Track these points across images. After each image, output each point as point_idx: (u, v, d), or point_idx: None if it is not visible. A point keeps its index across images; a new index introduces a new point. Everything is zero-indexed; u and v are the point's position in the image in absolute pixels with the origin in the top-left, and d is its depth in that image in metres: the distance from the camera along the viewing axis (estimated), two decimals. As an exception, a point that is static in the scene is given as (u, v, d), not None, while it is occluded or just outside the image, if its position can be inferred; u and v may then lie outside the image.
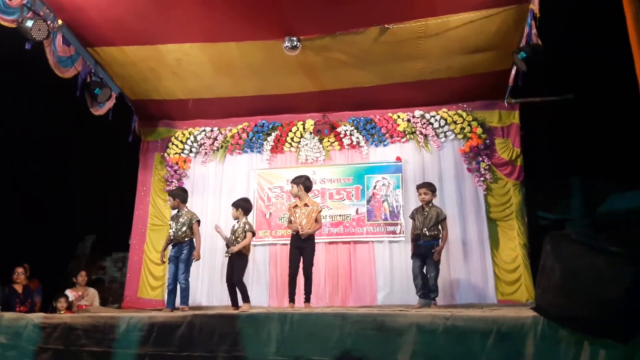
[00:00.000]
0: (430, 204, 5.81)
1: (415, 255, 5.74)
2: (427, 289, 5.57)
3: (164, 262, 6.24)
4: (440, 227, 5.72)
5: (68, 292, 7.06)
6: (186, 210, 5.91)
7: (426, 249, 5.64)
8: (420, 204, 5.90)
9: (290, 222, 5.88)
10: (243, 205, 5.83)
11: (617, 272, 2.90)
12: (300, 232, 5.63)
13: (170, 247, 5.84)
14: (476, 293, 6.79)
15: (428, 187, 5.88)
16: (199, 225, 5.85)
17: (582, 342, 3.09)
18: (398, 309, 4.74)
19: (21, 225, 7.53)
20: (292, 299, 5.68)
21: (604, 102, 7.17)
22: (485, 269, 6.86)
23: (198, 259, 5.80)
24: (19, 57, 5.44)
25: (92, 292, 7.26)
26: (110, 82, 7.05)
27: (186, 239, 5.72)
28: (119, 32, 6.15)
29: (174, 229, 5.75)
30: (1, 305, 6.07)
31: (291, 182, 5.98)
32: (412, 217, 5.92)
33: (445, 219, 5.77)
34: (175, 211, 5.96)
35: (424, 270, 5.65)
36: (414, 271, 5.70)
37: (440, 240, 5.68)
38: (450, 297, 6.76)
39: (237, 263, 5.57)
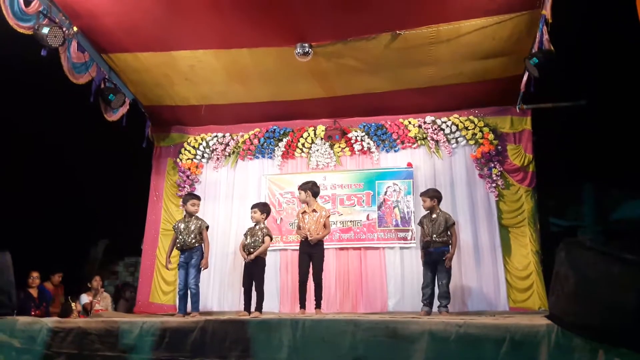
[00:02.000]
0: (438, 210, 5.79)
1: (426, 263, 5.71)
2: (439, 296, 5.54)
3: (170, 269, 6.21)
4: (449, 232, 5.69)
5: (83, 296, 7.13)
6: (195, 216, 5.90)
7: (437, 256, 5.61)
8: (422, 210, 5.91)
9: (299, 228, 5.89)
10: (267, 209, 5.92)
11: (633, 279, 2.88)
12: (309, 238, 5.64)
13: (179, 252, 5.81)
14: (488, 300, 6.75)
15: (426, 195, 5.87)
16: (207, 231, 5.84)
17: (596, 350, 3.06)
18: (410, 315, 4.73)
19: (35, 230, 7.61)
20: (302, 305, 5.69)
21: (616, 108, 7.12)
22: (497, 276, 6.82)
23: (206, 268, 5.74)
24: (34, 63, 5.51)
25: (107, 297, 7.33)
26: (124, 88, 7.13)
27: (196, 245, 5.68)
28: (133, 39, 6.22)
29: (183, 235, 5.68)
30: (16, 309, 6.13)
31: (299, 189, 6.00)
32: (421, 224, 5.89)
33: (454, 224, 5.74)
34: (185, 216, 5.92)
35: (436, 278, 5.63)
36: (425, 280, 5.67)
37: (450, 247, 5.65)
38: (462, 304, 6.73)
39: (256, 268, 5.61)
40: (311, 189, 5.89)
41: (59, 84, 6.05)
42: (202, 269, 5.67)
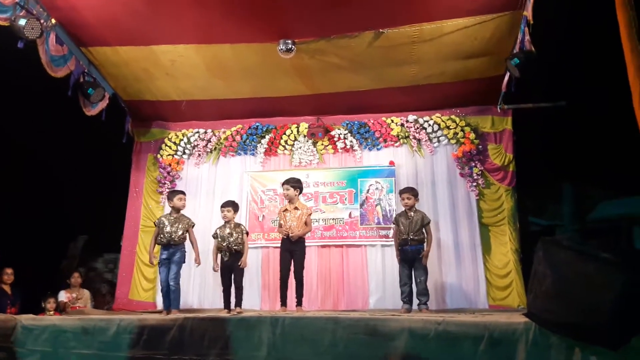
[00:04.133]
0: (414, 209, 5.82)
1: (403, 261, 5.74)
2: (418, 293, 5.58)
3: (154, 264, 6.15)
4: (424, 231, 5.73)
5: (62, 293, 7.01)
6: (181, 213, 5.87)
7: (413, 254, 5.65)
8: (403, 209, 5.92)
9: (280, 226, 5.87)
10: (238, 207, 5.96)
11: (608, 279, 2.92)
12: (290, 235, 5.62)
13: (161, 248, 5.77)
14: (467, 298, 6.80)
15: (411, 192, 5.90)
16: (193, 229, 5.84)
17: (572, 348, 3.10)
18: (390, 313, 4.74)
19: (12, 225, 7.46)
20: (284, 302, 5.68)
21: (596, 110, 7.22)
22: (477, 274, 6.88)
23: (199, 264, 5.82)
24: (11, 55, 5.39)
25: (86, 294, 7.21)
26: (103, 82, 7.02)
27: (182, 242, 5.69)
28: (113, 32, 6.13)
29: (168, 231, 5.65)
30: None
31: (288, 184, 5.89)
32: (396, 222, 5.91)
33: (429, 222, 5.79)
34: (171, 212, 5.87)
35: (413, 276, 5.65)
36: (403, 278, 5.70)
37: (425, 245, 5.70)
38: (441, 302, 6.77)
39: (238, 271, 5.66)
40: (300, 186, 5.92)
41: (36, 78, 5.93)
42: (196, 265, 5.81)
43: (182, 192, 6.02)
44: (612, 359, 2.99)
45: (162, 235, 5.65)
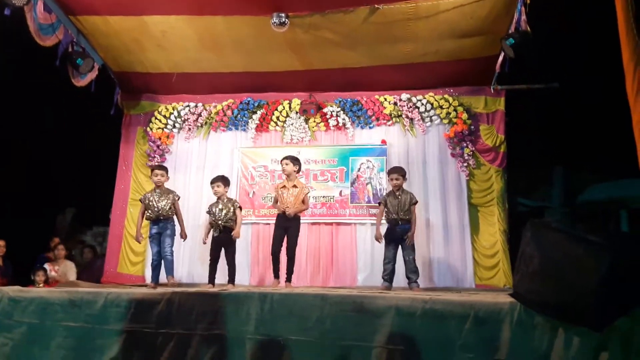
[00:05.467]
0: (402, 189, 5.80)
1: (391, 240, 5.72)
2: (408, 272, 5.60)
3: (140, 241, 6.18)
4: (410, 211, 5.71)
5: (46, 265, 6.99)
6: (166, 188, 5.88)
7: (402, 233, 5.64)
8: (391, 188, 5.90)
9: (276, 202, 5.85)
10: (228, 181, 5.95)
11: (594, 261, 2.94)
12: (287, 212, 5.60)
13: (150, 224, 5.78)
14: (455, 277, 6.87)
15: (399, 172, 5.85)
16: (178, 201, 5.87)
17: (556, 328, 3.14)
18: (378, 290, 4.77)
19: (1, 198, 7.39)
20: (277, 275, 5.71)
21: (589, 93, 7.23)
22: (465, 253, 6.94)
23: (186, 238, 5.87)
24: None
25: (70, 265, 7.19)
26: (93, 52, 6.89)
27: (171, 215, 5.75)
28: (103, 1, 5.99)
29: (156, 206, 5.66)
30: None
31: (289, 160, 5.83)
32: (384, 201, 5.83)
33: (416, 203, 5.77)
34: (155, 188, 5.86)
35: (402, 255, 5.67)
36: (388, 256, 5.69)
37: (411, 224, 5.70)
38: (429, 280, 6.83)
39: (229, 241, 5.68)
40: (299, 164, 5.90)
41: (24, 46, 5.80)
42: (183, 240, 5.85)
43: (159, 167, 6.02)
44: (595, 340, 3.03)
45: (150, 211, 5.68)
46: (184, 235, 5.82)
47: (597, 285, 2.89)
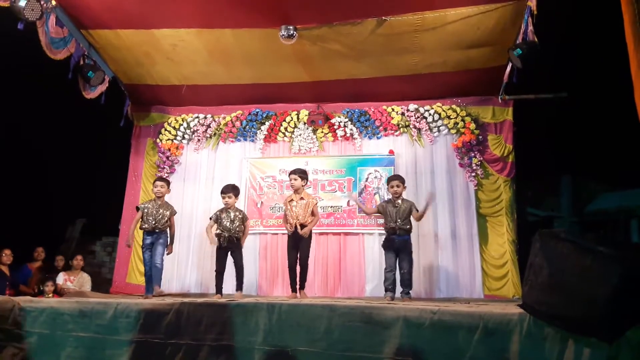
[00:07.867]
0: (402, 198, 5.72)
1: (389, 248, 5.61)
2: (401, 283, 5.49)
3: (129, 247, 6.34)
4: (409, 220, 5.60)
5: (61, 275, 7.03)
6: (165, 201, 5.94)
7: (399, 244, 5.53)
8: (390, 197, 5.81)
9: (285, 217, 5.81)
10: (238, 192, 5.98)
11: (604, 272, 2.92)
12: (300, 232, 5.57)
13: (144, 234, 5.84)
14: (463, 287, 6.84)
15: (399, 180, 5.74)
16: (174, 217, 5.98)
17: (567, 340, 3.11)
18: (386, 301, 4.75)
19: (11, 208, 7.46)
20: (294, 289, 5.68)
21: (597, 102, 7.21)
22: (474, 263, 6.91)
23: (170, 253, 5.93)
24: (10, 37, 5.36)
25: (86, 277, 7.24)
26: (103, 65, 6.99)
27: (167, 228, 5.85)
28: (114, 15, 6.09)
29: (153, 217, 5.72)
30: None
31: (297, 175, 5.77)
32: (383, 209, 5.70)
33: (415, 211, 5.65)
34: (155, 199, 5.91)
35: (398, 265, 5.55)
36: (389, 264, 5.56)
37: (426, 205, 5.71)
38: (437, 291, 6.82)
39: (238, 252, 5.71)
40: (306, 178, 5.89)
41: (36, 59, 5.89)
42: (167, 254, 5.87)
43: (161, 179, 6.10)
44: (605, 352, 3.00)
45: (147, 222, 5.73)
46: (170, 250, 5.87)
47: (608, 296, 2.87)
